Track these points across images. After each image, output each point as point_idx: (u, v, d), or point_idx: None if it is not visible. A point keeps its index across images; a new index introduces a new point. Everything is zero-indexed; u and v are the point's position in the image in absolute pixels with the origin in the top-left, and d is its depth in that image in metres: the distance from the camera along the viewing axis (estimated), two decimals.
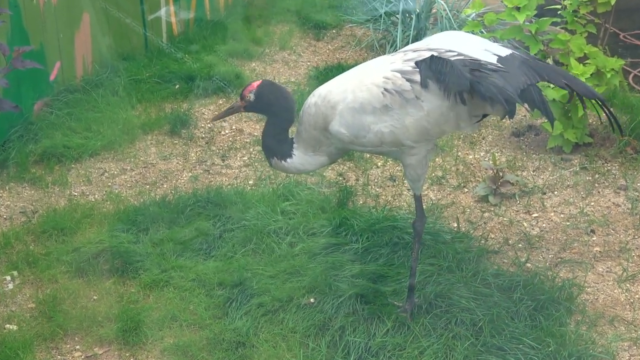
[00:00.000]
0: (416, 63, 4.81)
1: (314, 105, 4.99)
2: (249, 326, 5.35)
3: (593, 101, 5.36)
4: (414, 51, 4.99)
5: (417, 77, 4.77)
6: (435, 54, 4.82)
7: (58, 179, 7.11)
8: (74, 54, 8.28)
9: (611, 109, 5.42)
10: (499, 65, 4.88)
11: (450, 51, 4.94)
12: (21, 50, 5.27)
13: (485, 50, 5.05)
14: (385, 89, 4.80)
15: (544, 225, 6.49)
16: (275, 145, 5.18)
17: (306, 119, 5.05)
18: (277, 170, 5.60)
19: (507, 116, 4.93)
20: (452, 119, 4.88)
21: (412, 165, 5.09)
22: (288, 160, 5.16)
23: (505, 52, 5.06)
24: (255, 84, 5.13)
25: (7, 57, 5.21)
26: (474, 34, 8.42)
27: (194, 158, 7.52)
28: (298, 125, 5.14)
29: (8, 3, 7.19)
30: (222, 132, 7.90)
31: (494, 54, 5.01)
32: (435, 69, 4.71)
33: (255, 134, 7.83)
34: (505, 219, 6.57)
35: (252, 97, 5.12)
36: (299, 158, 5.16)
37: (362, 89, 4.85)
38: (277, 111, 5.14)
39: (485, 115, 5.05)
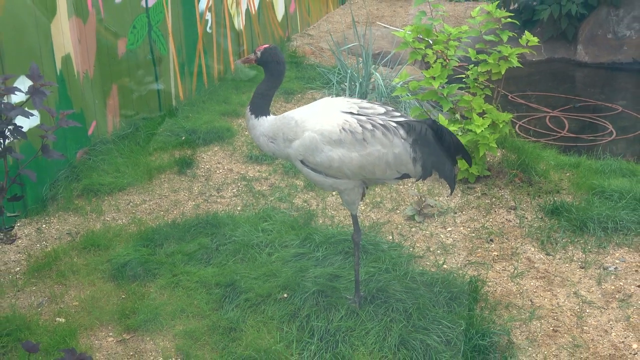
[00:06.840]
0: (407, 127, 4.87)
1: (295, 124, 4.85)
2: (238, 316, 5.33)
3: None
4: (367, 103, 4.99)
5: (368, 125, 4.77)
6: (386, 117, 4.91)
7: (95, 208, 7.05)
8: (106, 115, 8.24)
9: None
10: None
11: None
12: (65, 113, 5.24)
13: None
14: (343, 128, 4.79)
15: (456, 236, 6.52)
16: (258, 99, 4.95)
17: (282, 123, 4.90)
18: (247, 126, 5.08)
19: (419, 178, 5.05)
20: (382, 165, 4.86)
21: (347, 192, 5.04)
22: (259, 118, 4.92)
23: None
24: (264, 46, 4.96)
25: (55, 118, 5.18)
26: (401, 97, 8.55)
27: (196, 191, 7.49)
28: (275, 120, 4.95)
29: (56, 77, 7.16)
30: (218, 171, 7.87)
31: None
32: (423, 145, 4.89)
33: (241, 172, 7.83)
34: (427, 232, 6.59)
35: (259, 54, 4.97)
36: (267, 123, 4.91)
37: (327, 123, 4.80)
38: (272, 71, 4.95)
39: (405, 176, 5.01)
